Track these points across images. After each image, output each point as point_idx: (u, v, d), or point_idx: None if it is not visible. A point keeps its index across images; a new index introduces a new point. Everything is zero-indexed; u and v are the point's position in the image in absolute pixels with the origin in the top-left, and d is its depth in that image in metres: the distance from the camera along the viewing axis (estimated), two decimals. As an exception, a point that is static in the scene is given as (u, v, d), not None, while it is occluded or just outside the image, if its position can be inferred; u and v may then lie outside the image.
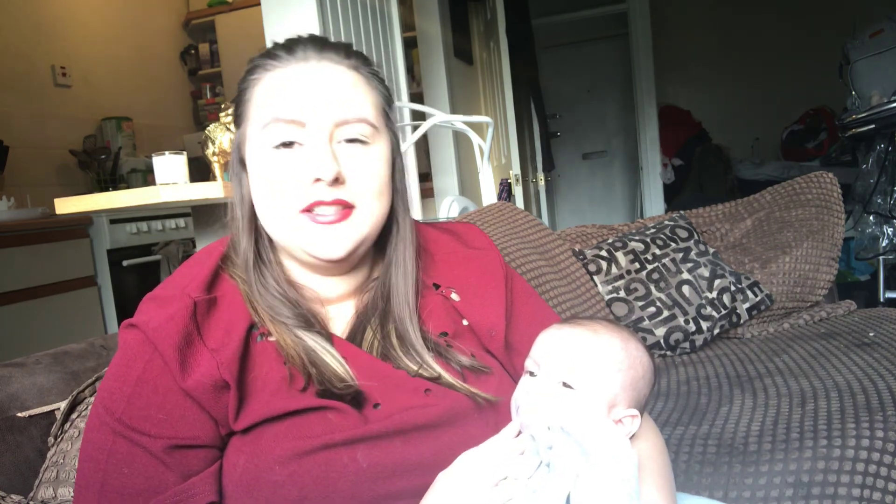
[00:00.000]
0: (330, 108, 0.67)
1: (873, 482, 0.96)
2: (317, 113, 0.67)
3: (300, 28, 1.80)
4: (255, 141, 0.69)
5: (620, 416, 0.69)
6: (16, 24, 3.20)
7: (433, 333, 0.74)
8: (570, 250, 1.79)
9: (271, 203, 0.68)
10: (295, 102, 0.67)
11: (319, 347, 0.68)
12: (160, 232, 3.11)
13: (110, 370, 0.66)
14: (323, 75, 0.68)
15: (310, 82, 0.68)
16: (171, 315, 0.64)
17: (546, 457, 0.58)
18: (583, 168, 5.56)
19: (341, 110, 0.68)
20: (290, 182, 0.67)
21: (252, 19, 3.68)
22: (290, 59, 0.69)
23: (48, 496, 0.84)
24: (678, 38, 4.85)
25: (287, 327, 0.68)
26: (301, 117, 0.67)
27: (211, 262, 0.72)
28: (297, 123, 0.67)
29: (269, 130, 0.68)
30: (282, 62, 0.69)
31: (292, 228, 0.68)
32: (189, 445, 0.63)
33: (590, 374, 0.68)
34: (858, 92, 2.93)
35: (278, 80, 0.69)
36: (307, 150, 0.67)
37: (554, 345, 0.71)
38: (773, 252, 1.82)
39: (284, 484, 0.62)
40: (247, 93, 0.72)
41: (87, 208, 1.53)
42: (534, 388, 0.68)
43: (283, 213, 0.68)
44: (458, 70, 3.31)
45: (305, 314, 0.70)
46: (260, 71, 0.71)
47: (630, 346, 0.72)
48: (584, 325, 0.73)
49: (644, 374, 0.72)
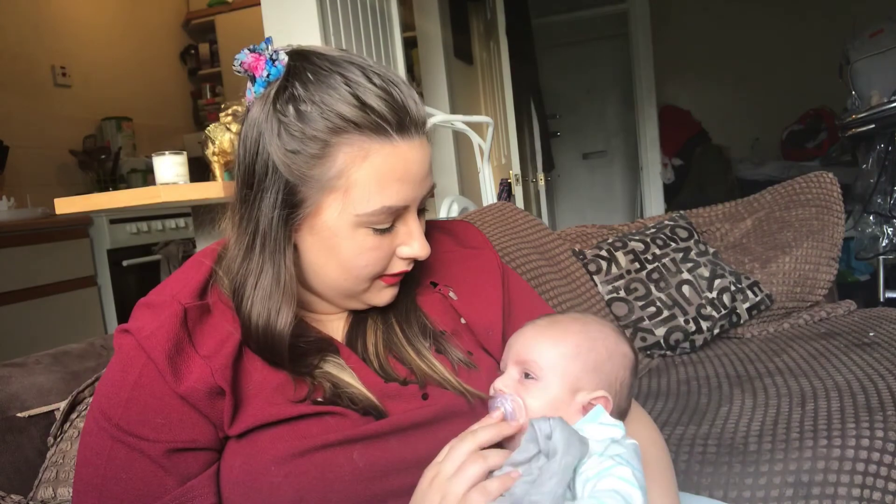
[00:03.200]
0: (426, 187, 0.68)
1: (873, 482, 0.96)
2: (419, 196, 0.67)
3: (300, 28, 1.81)
4: (342, 218, 0.64)
5: (587, 400, 0.69)
6: (16, 24, 3.20)
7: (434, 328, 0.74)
8: (570, 250, 1.79)
9: (350, 275, 0.67)
10: (409, 192, 0.65)
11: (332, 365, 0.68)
12: (160, 232, 3.11)
13: (106, 375, 0.65)
14: (425, 156, 0.66)
15: (419, 167, 0.65)
16: (162, 322, 0.63)
17: (545, 445, 0.58)
18: (583, 168, 5.56)
19: (428, 187, 0.68)
20: (384, 261, 0.68)
21: (252, 19, 3.68)
22: (398, 136, 0.63)
23: (48, 496, 0.84)
24: (678, 38, 4.85)
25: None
26: (409, 202, 0.66)
27: (205, 267, 0.70)
28: (402, 209, 0.66)
29: (374, 217, 0.64)
30: (390, 140, 0.63)
31: (362, 292, 0.70)
32: (187, 448, 0.63)
33: (545, 361, 0.69)
34: (858, 92, 2.93)
35: (390, 164, 0.63)
36: (404, 230, 0.68)
37: (515, 340, 0.73)
38: (773, 252, 1.82)
39: (281, 485, 0.62)
40: (333, 159, 0.62)
41: (87, 208, 1.53)
42: (498, 383, 0.70)
43: (360, 283, 0.68)
44: (458, 70, 3.31)
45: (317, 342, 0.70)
46: (358, 139, 0.62)
47: (591, 330, 0.72)
48: (546, 318, 0.75)
49: (611, 356, 0.71)
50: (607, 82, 5.35)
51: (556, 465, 0.57)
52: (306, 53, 0.65)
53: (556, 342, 0.70)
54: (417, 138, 0.65)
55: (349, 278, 0.67)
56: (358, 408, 0.65)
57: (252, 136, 0.64)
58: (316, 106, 0.61)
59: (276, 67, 0.63)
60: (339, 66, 0.63)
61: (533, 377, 0.69)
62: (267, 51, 0.63)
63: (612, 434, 0.63)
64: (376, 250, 0.66)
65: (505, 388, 0.69)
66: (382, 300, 0.71)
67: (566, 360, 0.69)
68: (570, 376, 0.69)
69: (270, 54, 0.63)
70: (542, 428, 0.59)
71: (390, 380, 0.69)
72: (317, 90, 0.62)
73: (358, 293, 0.70)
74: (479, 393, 0.70)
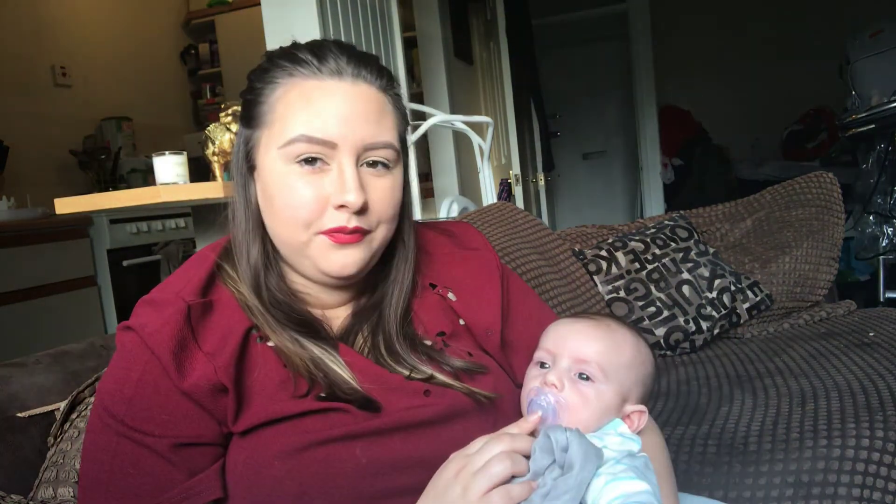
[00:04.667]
0: (361, 131, 0.66)
1: (873, 482, 0.96)
2: (348, 136, 0.65)
3: (300, 28, 1.81)
4: (272, 151, 0.66)
5: (630, 412, 0.69)
6: (16, 24, 3.20)
7: (430, 333, 0.74)
8: (570, 250, 1.79)
9: (286, 219, 0.66)
10: (328, 122, 0.65)
11: (326, 355, 0.67)
12: (160, 232, 3.11)
13: (109, 372, 0.65)
14: (358, 96, 0.66)
15: (345, 103, 0.65)
16: (166, 319, 0.63)
17: (560, 457, 0.58)
18: (583, 168, 5.56)
19: (372, 134, 0.66)
20: (311, 203, 0.65)
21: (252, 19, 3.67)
22: (322, 69, 0.66)
23: (48, 496, 0.84)
24: (678, 38, 4.85)
25: (290, 335, 0.68)
26: (333, 138, 0.65)
27: (207, 264, 0.71)
28: (328, 145, 0.65)
29: (293, 145, 0.65)
30: (312, 72, 0.66)
31: (305, 245, 0.67)
32: (194, 443, 0.63)
33: (607, 366, 0.68)
34: (858, 92, 2.93)
35: (309, 93, 0.65)
36: (334, 173, 0.66)
37: (570, 336, 0.71)
38: (773, 252, 1.82)
39: (284, 479, 0.62)
40: (264, 94, 0.68)
41: (87, 208, 1.53)
42: (550, 377, 0.67)
43: (299, 231, 0.66)
44: (458, 70, 3.30)
45: (310, 321, 0.70)
46: (283, 75, 0.67)
47: (641, 344, 0.73)
48: (596, 319, 0.74)
49: (651, 372, 0.73)
50: (607, 82, 5.35)
51: (572, 480, 0.56)
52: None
53: (619, 349, 0.70)
54: (352, 81, 0.66)
55: (287, 226, 0.67)
56: (352, 401, 0.65)
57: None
58: (268, 62, 0.69)
59: None
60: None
61: (590, 379, 0.67)
62: None
63: (629, 447, 0.63)
64: (304, 190, 0.65)
65: (557, 382, 0.67)
66: (332, 265, 0.67)
67: (626, 369, 0.69)
68: (625, 385, 0.69)
69: None
70: (559, 439, 0.58)
71: (395, 371, 0.69)
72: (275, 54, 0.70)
73: (302, 249, 0.67)
74: (488, 393, 0.69)
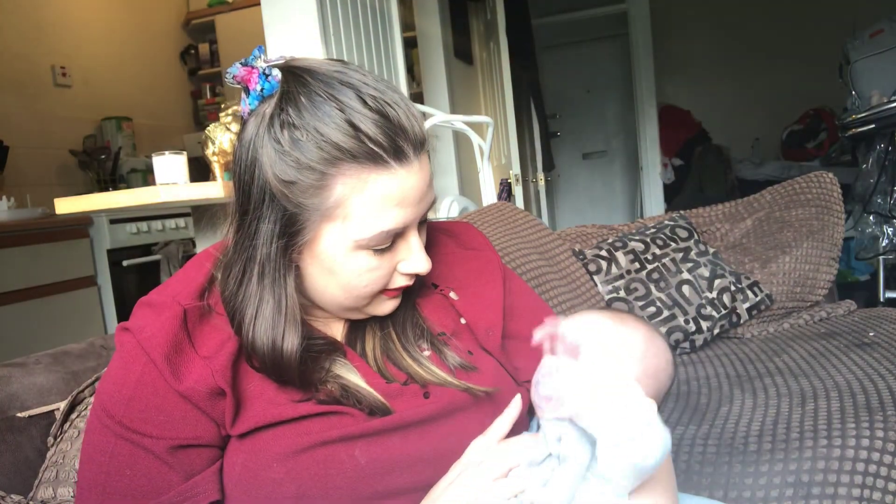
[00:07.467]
0: (426, 202, 0.67)
1: (873, 482, 0.96)
2: (419, 213, 0.67)
3: (300, 28, 1.81)
4: (341, 240, 0.64)
5: None
6: (16, 24, 3.20)
7: (433, 332, 0.74)
8: (570, 250, 1.79)
9: (350, 290, 0.67)
10: (408, 213, 0.65)
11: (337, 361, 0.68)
12: (160, 232, 3.11)
13: (108, 373, 0.66)
14: (422, 171, 0.65)
15: (416, 190, 0.64)
16: (162, 323, 0.64)
17: (556, 449, 0.58)
18: (583, 168, 5.56)
19: (430, 199, 0.68)
20: (385, 278, 0.68)
21: (252, 19, 3.67)
22: (395, 163, 0.62)
23: (48, 496, 0.84)
24: (678, 38, 4.85)
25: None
26: (410, 222, 0.66)
27: (206, 269, 0.70)
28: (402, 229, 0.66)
29: (373, 238, 0.63)
30: (387, 168, 0.61)
31: (361, 305, 0.69)
32: (191, 445, 0.63)
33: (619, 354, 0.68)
34: (858, 92, 2.93)
35: (387, 191, 0.62)
36: (404, 247, 0.67)
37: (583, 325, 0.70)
38: (773, 252, 1.82)
39: (283, 481, 0.62)
40: (331, 189, 0.61)
41: (87, 208, 1.53)
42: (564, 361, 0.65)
43: (361, 299, 0.68)
44: (458, 70, 3.31)
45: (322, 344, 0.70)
46: (354, 168, 0.61)
47: (656, 336, 0.73)
48: (610, 311, 0.74)
49: (665, 367, 0.72)
50: (607, 82, 5.35)
51: (568, 471, 0.56)
52: (300, 73, 0.62)
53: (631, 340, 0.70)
54: (416, 161, 0.63)
55: (350, 297, 0.68)
56: (363, 407, 0.65)
57: (248, 158, 0.63)
58: (310, 135, 0.60)
59: (269, 83, 0.62)
60: (333, 89, 0.61)
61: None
62: (259, 62, 0.63)
63: None
64: (377, 270, 0.66)
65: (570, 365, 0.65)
66: (384, 311, 0.71)
67: (637, 359, 0.69)
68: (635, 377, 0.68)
69: (264, 69, 0.63)
70: (553, 431, 0.58)
71: (391, 381, 0.69)
72: (311, 118, 0.60)
73: (360, 308, 0.70)
74: (485, 388, 0.69)
